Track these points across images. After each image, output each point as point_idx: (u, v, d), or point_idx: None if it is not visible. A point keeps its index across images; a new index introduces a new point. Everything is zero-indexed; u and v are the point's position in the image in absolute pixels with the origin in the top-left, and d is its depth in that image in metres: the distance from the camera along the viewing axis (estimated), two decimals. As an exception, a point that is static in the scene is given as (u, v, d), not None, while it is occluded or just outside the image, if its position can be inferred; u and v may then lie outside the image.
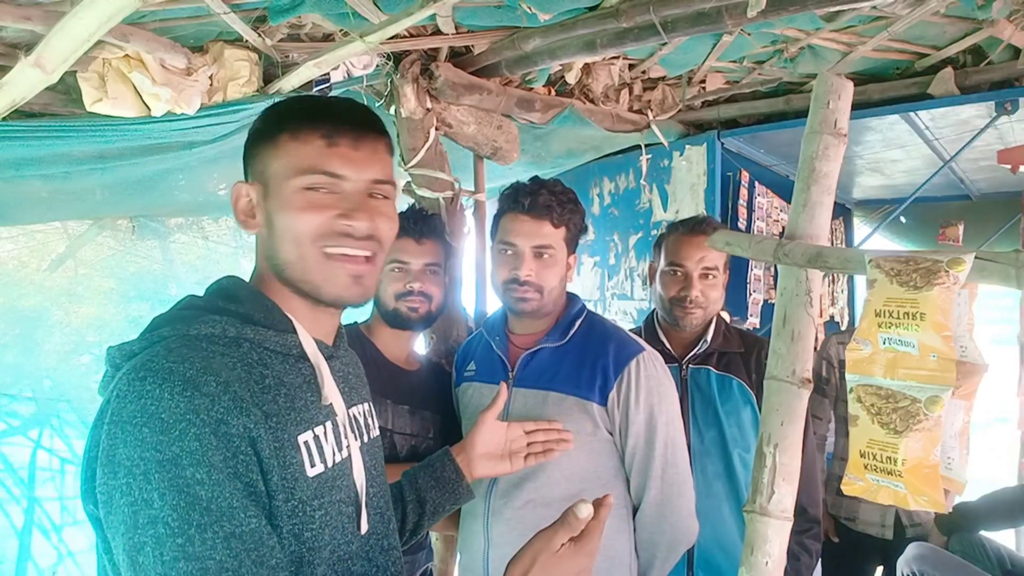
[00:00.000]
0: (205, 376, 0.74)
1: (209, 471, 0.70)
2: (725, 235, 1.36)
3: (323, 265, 0.85)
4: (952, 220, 4.01)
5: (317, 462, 0.82)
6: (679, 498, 1.50)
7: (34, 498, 3.16)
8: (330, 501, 0.83)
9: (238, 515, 0.71)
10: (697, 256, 1.77)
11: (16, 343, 3.07)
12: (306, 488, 0.80)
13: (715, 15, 1.76)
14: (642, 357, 1.51)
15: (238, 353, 0.80)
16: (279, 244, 0.86)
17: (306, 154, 0.85)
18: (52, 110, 1.83)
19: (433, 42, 2.03)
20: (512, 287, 1.52)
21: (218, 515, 0.70)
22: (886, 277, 0.99)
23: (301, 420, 0.82)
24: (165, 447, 0.69)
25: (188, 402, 0.71)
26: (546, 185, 1.53)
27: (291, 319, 0.88)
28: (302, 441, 0.81)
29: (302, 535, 0.79)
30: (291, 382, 0.83)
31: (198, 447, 0.70)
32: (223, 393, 0.74)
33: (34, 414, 3.16)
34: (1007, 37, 2.18)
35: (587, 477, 1.50)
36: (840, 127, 1.11)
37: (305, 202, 0.84)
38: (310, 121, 0.86)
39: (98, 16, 1.20)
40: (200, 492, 0.69)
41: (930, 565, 2.14)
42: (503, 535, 1.50)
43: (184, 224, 3.32)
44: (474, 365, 1.69)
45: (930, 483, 0.95)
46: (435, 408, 1.69)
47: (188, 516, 0.68)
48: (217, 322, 0.82)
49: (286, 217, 0.85)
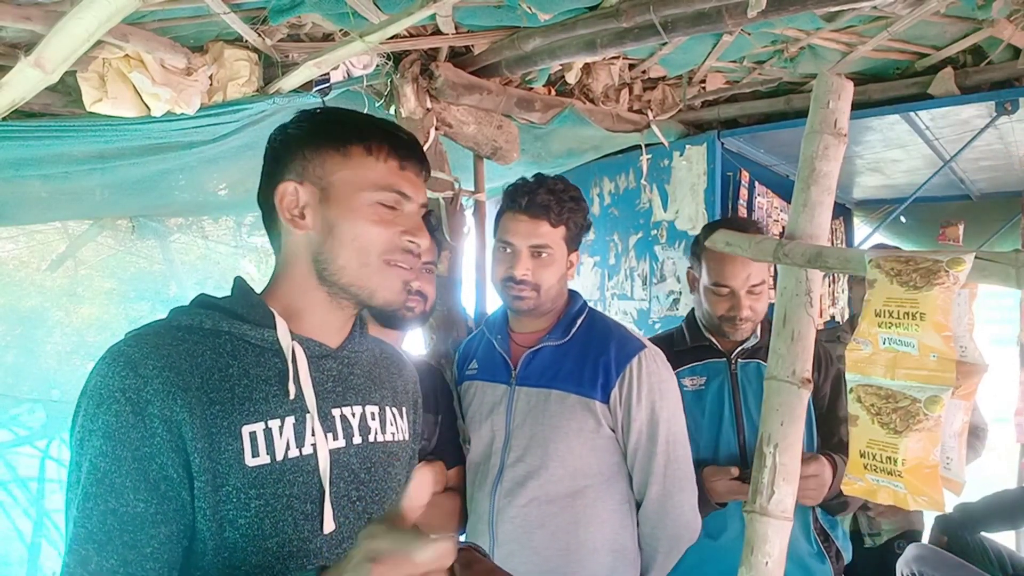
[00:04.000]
0: (145, 359, 0.80)
1: (114, 446, 0.76)
2: (725, 235, 1.36)
3: (383, 273, 0.92)
4: (952, 220, 4.00)
5: (262, 453, 0.84)
6: (681, 493, 1.51)
7: (43, 509, 3.16)
8: (273, 493, 0.84)
9: (127, 495, 0.76)
10: (744, 275, 1.71)
11: (17, 343, 3.07)
12: (241, 476, 0.82)
13: (715, 15, 1.76)
14: (644, 354, 1.52)
15: (212, 343, 0.86)
16: (338, 249, 0.91)
17: (383, 172, 0.92)
18: (52, 110, 1.83)
19: (433, 42, 2.03)
20: (509, 285, 1.53)
21: (108, 488, 0.76)
22: (886, 277, 0.99)
23: (254, 411, 0.85)
24: (91, 419, 0.78)
25: (120, 381, 0.78)
26: (546, 184, 1.53)
27: (274, 314, 0.91)
28: (247, 431, 0.83)
29: (236, 521, 0.82)
30: (257, 374, 0.87)
31: (113, 421, 0.77)
32: (156, 376, 0.79)
33: (43, 424, 3.15)
34: (1007, 37, 2.18)
35: (590, 473, 1.51)
36: (840, 127, 1.11)
37: (377, 216, 0.91)
38: (387, 142, 0.93)
39: (98, 16, 1.20)
40: (102, 464, 0.76)
41: (930, 565, 2.14)
42: (508, 533, 1.52)
43: (184, 224, 3.32)
44: (476, 363, 1.70)
45: (930, 483, 0.95)
46: (430, 408, 1.68)
47: (88, 485, 0.76)
48: (198, 314, 0.88)
49: (354, 226, 0.91)
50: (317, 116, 0.96)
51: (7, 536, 3.08)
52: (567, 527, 1.50)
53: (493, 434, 1.60)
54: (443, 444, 1.71)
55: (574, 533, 1.50)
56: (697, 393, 1.79)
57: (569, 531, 1.50)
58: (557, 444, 1.51)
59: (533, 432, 1.53)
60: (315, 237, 0.92)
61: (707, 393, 1.79)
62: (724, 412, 1.78)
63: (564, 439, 1.51)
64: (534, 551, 1.51)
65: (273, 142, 0.96)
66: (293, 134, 0.94)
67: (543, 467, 1.50)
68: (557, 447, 1.51)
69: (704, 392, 1.80)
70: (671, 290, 3.12)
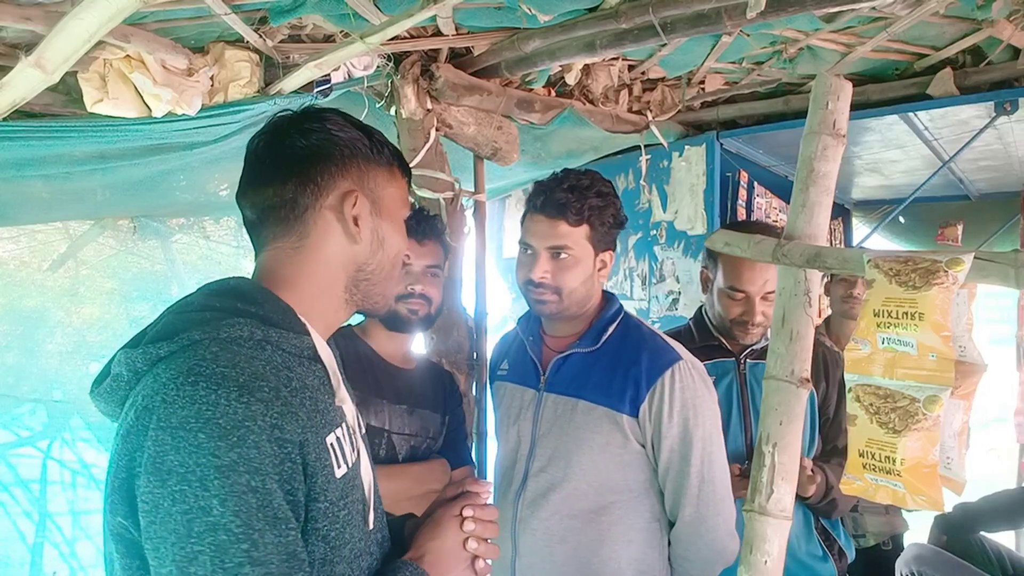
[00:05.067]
0: (258, 381, 0.74)
1: (264, 479, 0.71)
2: (724, 235, 1.36)
3: (397, 284, 1.06)
4: (951, 220, 4.01)
5: (342, 463, 0.84)
6: (716, 516, 1.42)
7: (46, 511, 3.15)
8: (351, 500, 0.85)
9: (281, 525, 0.72)
10: (760, 281, 1.70)
11: (18, 343, 3.07)
12: (335, 489, 0.81)
13: (714, 16, 1.76)
14: (678, 367, 1.43)
15: (264, 356, 0.80)
16: (384, 261, 0.97)
17: (405, 196, 1.02)
18: (53, 110, 1.83)
19: (433, 43, 2.04)
20: (529, 288, 1.48)
21: (272, 523, 0.71)
22: (885, 277, 0.99)
23: (326, 422, 0.83)
24: (223, 453, 0.69)
25: (246, 408, 0.72)
26: (567, 180, 1.45)
27: (304, 322, 0.88)
28: (329, 443, 0.82)
29: (328, 535, 0.80)
30: (311, 384, 0.84)
31: (256, 454, 0.71)
32: (275, 399, 0.75)
33: (45, 425, 3.15)
34: (1007, 37, 2.18)
35: (616, 489, 1.44)
36: (839, 128, 1.12)
37: (403, 233, 1.02)
38: (402, 169, 1.02)
39: (99, 17, 1.20)
40: (254, 500, 0.70)
41: (929, 565, 2.15)
42: (529, 544, 1.48)
43: (186, 224, 3.32)
44: (507, 364, 1.67)
45: (929, 483, 0.95)
46: (434, 407, 1.69)
47: (250, 522, 0.70)
48: (243, 325, 0.81)
49: (397, 240, 0.99)
50: (353, 123, 0.95)
51: (9, 538, 3.08)
52: (590, 544, 1.44)
53: (519, 440, 1.55)
54: (449, 444, 1.71)
55: (597, 550, 1.43)
56: None
57: (592, 548, 1.43)
58: (581, 457, 1.44)
59: (558, 443, 1.48)
60: (364, 248, 0.94)
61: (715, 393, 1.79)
62: (732, 412, 1.77)
63: (588, 453, 1.44)
64: (554, 566, 1.45)
65: (308, 139, 0.90)
66: (342, 138, 0.92)
67: (566, 480, 1.44)
68: (581, 460, 1.44)
69: None
70: (670, 290, 3.13)
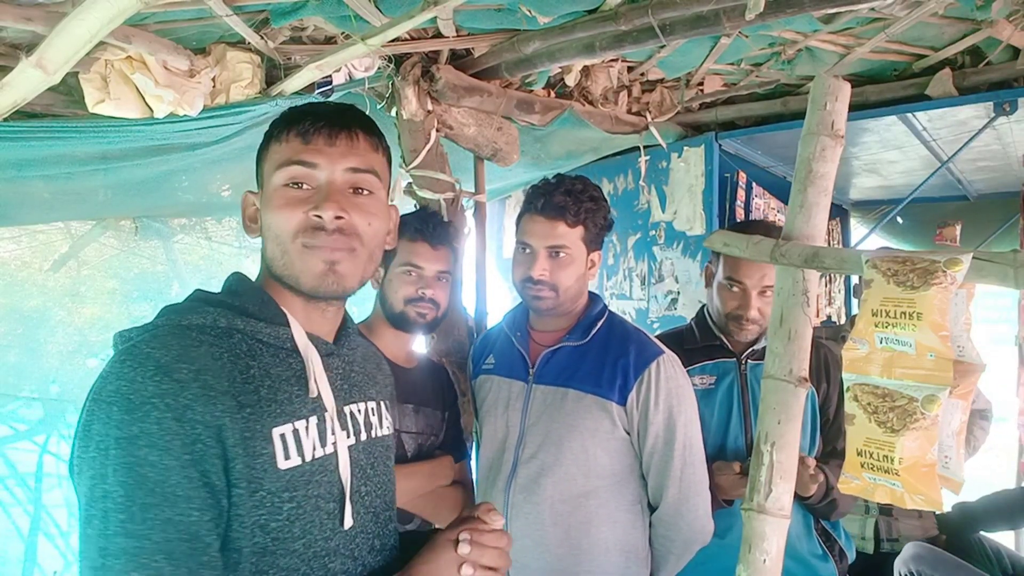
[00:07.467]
0: (178, 363, 0.77)
1: (162, 455, 0.73)
2: (723, 236, 1.37)
3: (302, 258, 0.88)
4: (949, 220, 4.01)
5: (293, 455, 0.84)
6: (696, 497, 1.53)
7: (41, 504, 3.15)
8: (304, 495, 0.84)
9: (180, 504, 0.73)
10: (758, 274, 1.72)
11: (19, 343, 3.07)
12: (276, 480, 0.81)
13: (713, 18, 1.77)
14: (662, 359, 1.54)
15: (227, 343, 0.83)
16: (267, 243, 0.91)
17: (285, 152, 0.89)
18: (54, 111, 1.84)
19: (434, 45, 2.04)
20: (528, 286, 1.56)
21: (162, 498, 0.73)
22: (883, 277, 1.00)
23: (281, 413, 0.84)
24: (126, 426, 0.73)
25: (156, 386, 0.75)
26: (563, 185, 1.55)
27: (286, 313, 0.90)
28: (277, 434, 0.82)
29: (268, 526, 0.80)
30: (278, 374, 0.85)
31: (157, 430, 0.73)
32: (193, 381, 0.77)
33: (41, 419, 3.15)
34: (1006, 38, 2.19)
35: (602, 474, 1.53)
36: (837, 128, 1.12)
37: (284, 199, 0.88)
38: (291, 124, 0.90)
39: (100, 17, 1.20)
40: (149, 474, 0.72)
41: (928, 565, 2.15)
42: (522, 529, 1.54)
43: (187, 225, 3.32)
44: (493, 358, 1.72)
45: (927, 482, 0.95)
46: (435, 404, 1.70)
47: (133, 494, 0.72)
48: (210, 313, 0.85)
49: (270, 215, 0.90)
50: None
51: (5, 532, 3.07)
52: (580, 526, 1.52)
53: (507, 430, 1.62)
54: (449, 439, 1.72)
55: (586, 532, 1.52)
56: (706, 392, 1.80)
57: (582, 530, 1.52)
58: (572, 442, 1.52)
59: (548, 429, 1.55)
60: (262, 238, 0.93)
61: (716, 393, 1.80)
62: (732, 412, 1.79)
63: (579, 438, 1.52)
64: (547, 549, 1.52)
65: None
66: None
67: (557, 464, 1.52)
68: (572, 445, 1.52)
69: (714, 391, 1.80)
70: (669, 290, 3.13)
